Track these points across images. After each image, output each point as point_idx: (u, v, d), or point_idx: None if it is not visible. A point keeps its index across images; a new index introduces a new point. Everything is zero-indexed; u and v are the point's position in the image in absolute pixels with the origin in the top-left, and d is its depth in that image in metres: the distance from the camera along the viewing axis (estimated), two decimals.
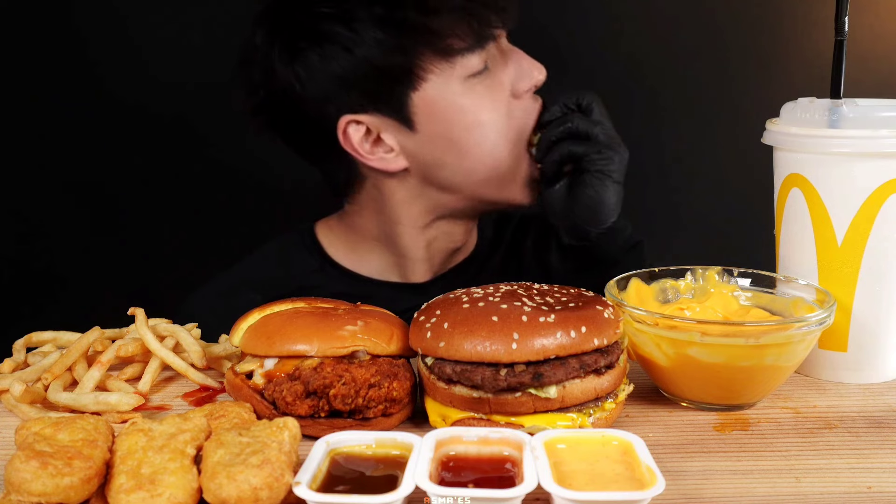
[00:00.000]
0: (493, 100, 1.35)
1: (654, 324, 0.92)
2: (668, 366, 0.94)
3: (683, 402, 0.97)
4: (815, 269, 1.02)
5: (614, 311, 0.92)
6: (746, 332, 0.89)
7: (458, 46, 1.31)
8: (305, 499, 0.69)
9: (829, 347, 1.03)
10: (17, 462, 0.68)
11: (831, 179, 0.99)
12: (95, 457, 0.71)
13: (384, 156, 1.37)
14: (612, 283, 1.02)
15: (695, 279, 1.07)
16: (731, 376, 0.92)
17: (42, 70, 2.13)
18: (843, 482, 0.79)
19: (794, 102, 1.04)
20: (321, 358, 0.89)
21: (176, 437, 0.73)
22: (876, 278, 0.99)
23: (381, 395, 0.88)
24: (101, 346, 1.06)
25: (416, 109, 1.34)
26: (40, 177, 2.19)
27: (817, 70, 2.08)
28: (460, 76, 1.32)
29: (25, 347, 1.09)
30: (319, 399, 0.87)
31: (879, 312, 1.01)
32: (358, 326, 0.91)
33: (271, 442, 0.72)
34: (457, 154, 1.36)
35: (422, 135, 1.35)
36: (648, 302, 1.04)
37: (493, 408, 0.87)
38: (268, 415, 0.89)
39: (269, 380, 0.90)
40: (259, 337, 0.92)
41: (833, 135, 0.98)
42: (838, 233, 0.99)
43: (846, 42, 1.01)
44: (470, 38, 1.31)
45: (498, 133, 1.35)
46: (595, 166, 1.29)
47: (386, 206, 1.44)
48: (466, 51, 1.31)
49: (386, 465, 0.77)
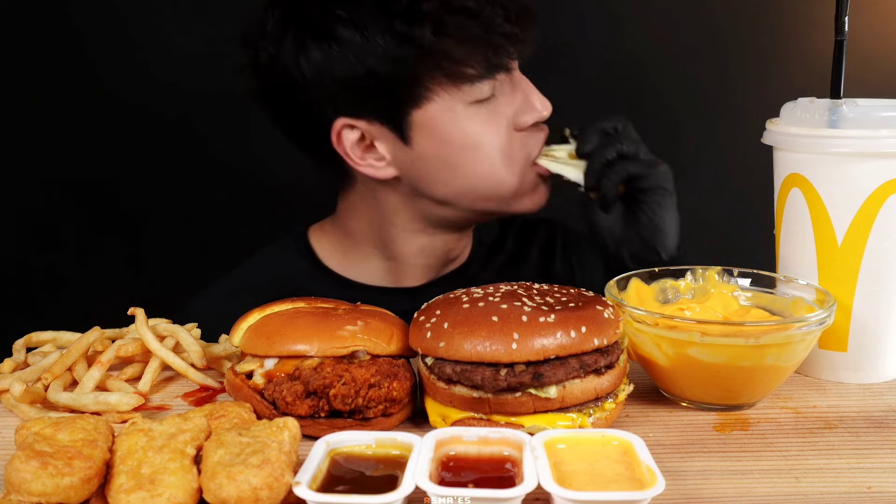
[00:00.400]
0: (493, 126, 1.34)
1: (654, 324, 0.92)
2: (668, 366, 0.94)
3: (683, 402, 0.97)
4: (815, 269, 1.02)
5: (614, 311, 0.92)
6: (746, 332, 0.89)
7: (469, 73, 1.30)
8: (305, 499, 0.69)
9: (829, 347, 1.03)
10: (17, 462, 0.68)
11: (831, 179, 0.99)
12: (95, 457, 0.71)
13: (374, 163, 1.37)
14: (612, 283, 1.02)
15: (695, 279, 1.07)
16: (732, 376, 0.92)
17: (42, 70, 2.13)
18: (843, 482, 0.79)
19: (794, 102, 1.04)
20: (321, 358, 0.89)
21: (176, 437, 0.73)
22: (876, 278, 0.99)
23: (381, 395, 0.88)
24: (101, 346, 1.06)
25: (414, 125, 1.33)
26: (41, 177, 2.19)
27: (817, 70, 2.08)
28: (465, 100, 1.31)
29: (25, 347, 1.09)
30: (319, 399, 0.87)
31: (879, 312, 1.01)
32: (358, 326, 0.91)
33: (271, 442, 0.72)
34: (450, 173, 1.35)
35: (416, 150, 1.34)
36: (648, 302, 1.04)
37: (493, 408, 0.87)
38: (268, 415, 0.89)
39: (269, 380, 0.90)
40: (259, 337, 0.92)
41: (833, 135, 0.98)
42: (838, 233, 0.99)
43: (846, 42, 1.01)
44: (482, 66, 1.30)
45: (495, 159, 1.34)
46: (652, 182, 1.29)
47: (378, 208, 1.44)
48: (477, 79, 1.30)
49: (386, 465, 0.77)
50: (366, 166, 1.37)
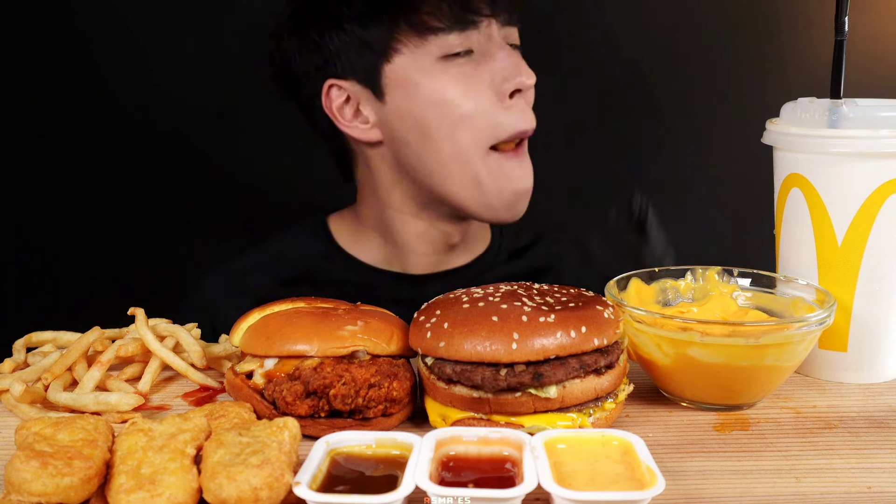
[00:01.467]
0: (466, 86, 1.36)
1: (654, 324, 0.92)
2: (668, 366, 0.94)
3: (683, 402, 0.97)
4: (815, 269, 1.02)
5: (614, 311, 0.92)
6: (746, 332, 0.89)
7: (432, 24, 1.33)
8: (305, 499, 0.69)
9: (829, 347, 1.03)
10: (17, 462, 0.68)
11: (831, 179, 0.99)
12: (95, 457, 0.71)
13: (359, 125, 1.43)
14: (612, 282, 1.02)
15: (695, 279, 1.07)
16: (731, 376, 0.92)
17: (43, 70, 2.13)
18: (843, 482, 0.79)
19: (794, 102, 1.04)
20: (321, 358, 0.89)
21: (176, 437, 0.73)
22: (876, 278, 0.99)
23: (381, 395, 0.88)
24: (101, 346, 1.06)
25: (386, 80, 1.37)
26: (41, 177, 2.19)
27: (818, 70, 2.08)
28: (434, 55, 1.34)
29: (25, 347, 1.09)
30: (319, 399, 0.87)
31: (879, 312, 1.01)
32: (358, 326, 0.91)
33: (271, 442, 0.72)
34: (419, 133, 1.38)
35: (389, 107, 1.39)
36: (648, 302, 1.04)
37: (492, 408, 0.87)
38: (268, 415, 0.89)
39: (269, 380, 0.90)
40: (259, 337, 0.92)
41: (833, 135, 0.98)
42: (838, 233, 0.99)
43: (846, 42, 1.01)
44: (448, 18, 1.33)
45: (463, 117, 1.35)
46: None
47: (377, 188, 1.49)
48: (442, 31, 1.33)
49: (386, 465, 0.77)
50: (352, 128, 1.44)
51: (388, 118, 1.40)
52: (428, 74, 1.35)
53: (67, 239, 2.22)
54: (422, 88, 1.35)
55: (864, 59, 2.15)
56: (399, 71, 1.36)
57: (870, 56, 2.18)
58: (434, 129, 1.36)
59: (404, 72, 1.36)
